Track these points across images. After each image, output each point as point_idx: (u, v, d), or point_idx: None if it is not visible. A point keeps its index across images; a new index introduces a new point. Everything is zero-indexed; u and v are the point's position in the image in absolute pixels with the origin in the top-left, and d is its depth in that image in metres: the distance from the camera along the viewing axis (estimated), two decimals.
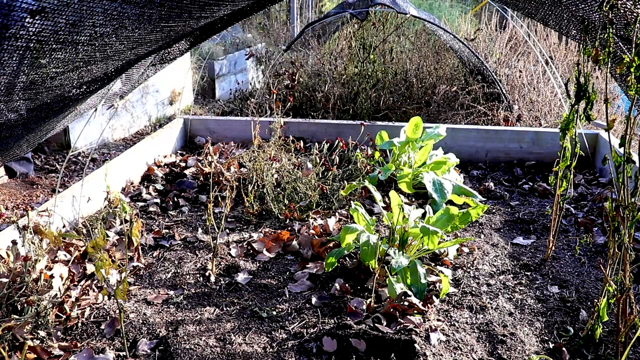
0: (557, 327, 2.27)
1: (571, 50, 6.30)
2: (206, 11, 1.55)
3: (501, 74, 6.03)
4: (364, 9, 5.68)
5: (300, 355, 2.05)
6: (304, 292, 2.50)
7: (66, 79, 1.41)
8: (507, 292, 2.53)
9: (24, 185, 4.25)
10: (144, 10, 1.26)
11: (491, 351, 2.11)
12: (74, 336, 2.16)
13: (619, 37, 1.99)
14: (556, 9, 2.28)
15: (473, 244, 2.99)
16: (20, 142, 1.83)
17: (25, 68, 1.23)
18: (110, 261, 1.94)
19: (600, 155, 4.16)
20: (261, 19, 10.87)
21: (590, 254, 2.90)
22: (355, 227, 2.55)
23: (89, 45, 1.29)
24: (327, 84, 5.70)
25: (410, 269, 2.39)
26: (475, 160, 4.41)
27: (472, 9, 10.60)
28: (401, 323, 2.20)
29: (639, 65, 1.68)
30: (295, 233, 3.05)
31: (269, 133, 4.43)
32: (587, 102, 2.17)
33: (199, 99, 7.64)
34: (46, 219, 2.75)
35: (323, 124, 4.56)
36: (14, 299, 2.15)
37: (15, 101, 1.37)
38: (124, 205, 2.74)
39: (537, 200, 3.66)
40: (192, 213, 3.37)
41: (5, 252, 2.41)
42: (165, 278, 2.60)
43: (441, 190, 3.33)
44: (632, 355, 2.10)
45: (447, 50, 6.39)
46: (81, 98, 1.73)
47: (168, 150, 4.40)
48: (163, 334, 2.16)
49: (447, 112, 5.52)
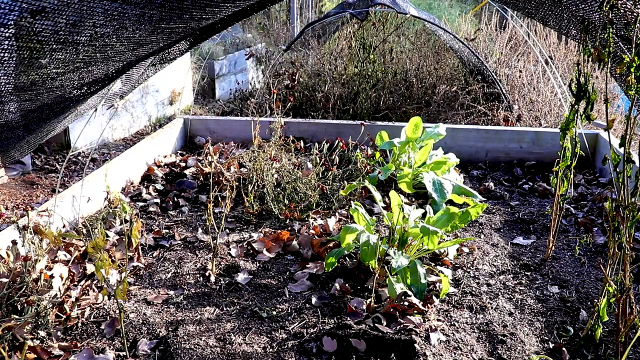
0: (557, 327, 2.27)
1: (571, 50, 6.30)
2: (207, 12, 1.55)
3: (501, 74, 6.03)
4: (364, 9, 5.68)
5: (300, 355, 2.05)
6: (304, 292, 2.50)
7: (67, 79, 1.41)
8: (507, 292, 2.53)
9: (24, 185, 4.25)
10: (144, 11, 1.26)
11: (491, 351, 2.11)
12: (74, 336, 2.16)
13: (619, 37, 2.00)
14: (556, 9, 2.28)
15: (473, 244, 2.99)
16: (21, 143, 1.83)
17: (26, 68, 1.23)
18: (110, 261, 1.94)
19: (600, 155, 4.16)
20: (261, 19, 10.87)
21: (590, 254, 2.90)
22: (355, 227, 2.55)
23: (90, 45, 1.29)
24: (327, 84, 5.70)
25: (410, 269, 2.39)
26: (475, 160, 4.41)
27: (472, 8, 10.59)
28: (401, 323, 2.20)
29: (639, 66, 1.68)
30: (295, 233, 3.05)
31: (269, 133, 4.43)
32: (587, 102, 2.17)
33: (199, 99, 7.64)
34: (46, 219, 2.75)
35: (323, 124, 4.56)
36: (14, 299, 2.15)
37: (15, 102, 1.37)
38: (124, 205, 2.74)
39: (537, 200, 3.66)
40: (192, 213, 3.37)
41: (5, 252, 2.41)
42: (165, 278, 2.60)
43: (441, 190, 3.33)
44: (632, 355, 2.10)
45: (447, 50, 6.39)
46: (82, 99, 1.72)
47: (168, 150, 4.40)
48: (163, 334, 2.16)
49: (447, 112, 5.52)
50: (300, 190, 3.40)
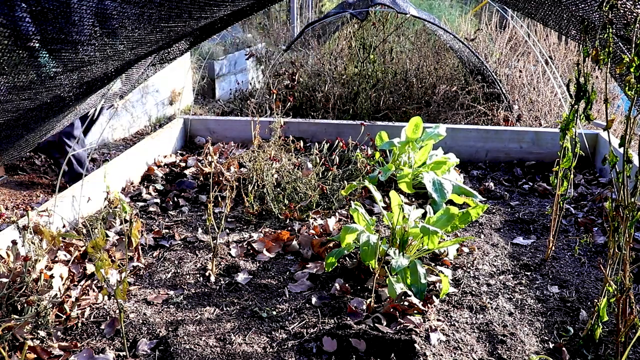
0: (557, 327, 2.27)
1: (571, 50, 6.30)
2: (206, 11, 1.55)
3: (501, 74, 6.03)
4: (364, 9, 5.68)
5: (300, 355, 2.05)
6: (304, 292, 2.50)
7: (66, 78, 1.41)
8: (507, 292, 2.53)
9: (24, 185, 4.25)
10: (143, 10, 1.26)
11: (491, 351, 2.11)
12: (74, 336, 2.16)
13: (619, 37, 1.99)
14: (556, 9, 2.28)
15: (473, 243, 2.99)
16: (19, 141, 1.83)
17: (25, 68, 1.23)
18: (110, 261, 1.94)
19: (600, 155, 4.16)
20: (261, 19, 10.87)
21: (590, 254, 2.90)
22: (356, 227, 2.55)
23: (89, 45, 1.29)
24: (327, 84, 5.70)
25: (410, 269, 2.39)
26: (475, 160, 4.41)
27: (472, 9, 10.59)
28: (401, 323, 2.20)
29: (639, 66, 1.68)
30: (295, 233, 3.05)
31: (269, 133, 4.43)
32: (586, 102, 2.17)
33: (199, 99, 7.64)
34: (46, 219, 2.75)
35: (323, 124, 4.56)
36: (14, 299, 2.15)
37: (14, 101, 1.37)
38: (124, 205, 2.74)
39: (537, 200, 3.66)
40: (192, 213, 3.37)
41: (5, 252, 2.41)
42: (165, 278, 2.60)
43: (441, 190, 3.33)
44: (632, 355, 2.10)
45: (447, 50, 6.40)
46: (81, 98, 1.73)
47: (168, 150, 4.40)
48: (163, 334, 2.16)
49: (447, 112, 5.52)
50: (300, 190, 3.40)
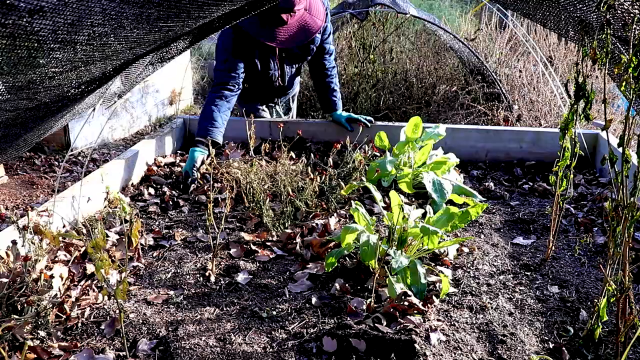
0: (557, 327, 2.27)
1: (571, 50, 6.30)
2: (204, 11, 1.55)
3: (501, 74, 6.03)
4: (364, 9, 5.68)
5: (300, 355, 2.05)
6: (304, 292, 2.49)
7: (65, 78, 1.41)
8: (507, 292, 2.53)
9: (24, 185, 4.25)
10: (142, 10, 1.27)
11: (491, 351, 2.11)
12: (74, 336, 2.16)
13: (617, 37, 1.99)
14: (554, 9, 2.28)
15: (473, 243, 2.99)
16: (17, 141, 1.84)
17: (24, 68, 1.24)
18: (110, 261, 1.93)
19: (600, 155, 4.16)
20: None
21: (590, 254, 2.90)
22: (356, 227, 2.55)
23: (88, 45, 1.29)
24: None
25: (410, 269, 2.39)
26: (475, 160, 4.41)
27: (472, 9, 10.59)
28: (401, 323, 2.20)
29: (637, 66, 1.68)
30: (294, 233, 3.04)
31: (268, 133, 4.43)
32: (586, 102, 2.17)
33: (198, 99, 7.64)
34: (46, 219, 2.75)
35: (323, 124, 4.56)
36: (14, 299, 2.15)
37: (13, 100, 1.37)
38: (124, 205, 2.74)
39: (537, 200, 3.65)
40: (192, 213, 3.37)
41: (5, 252, 2.41)
42: (165, 278, 2.60)
43: (441, 190, 3.33)
44: (632, 355, 2.10)
45: (447, 50, 6.40)
46: (79, 97, 1.73)
47: (168, 150, 4.40)
48: (163, 334, 2.16)
49: (447, 112, 5.52)
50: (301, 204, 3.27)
